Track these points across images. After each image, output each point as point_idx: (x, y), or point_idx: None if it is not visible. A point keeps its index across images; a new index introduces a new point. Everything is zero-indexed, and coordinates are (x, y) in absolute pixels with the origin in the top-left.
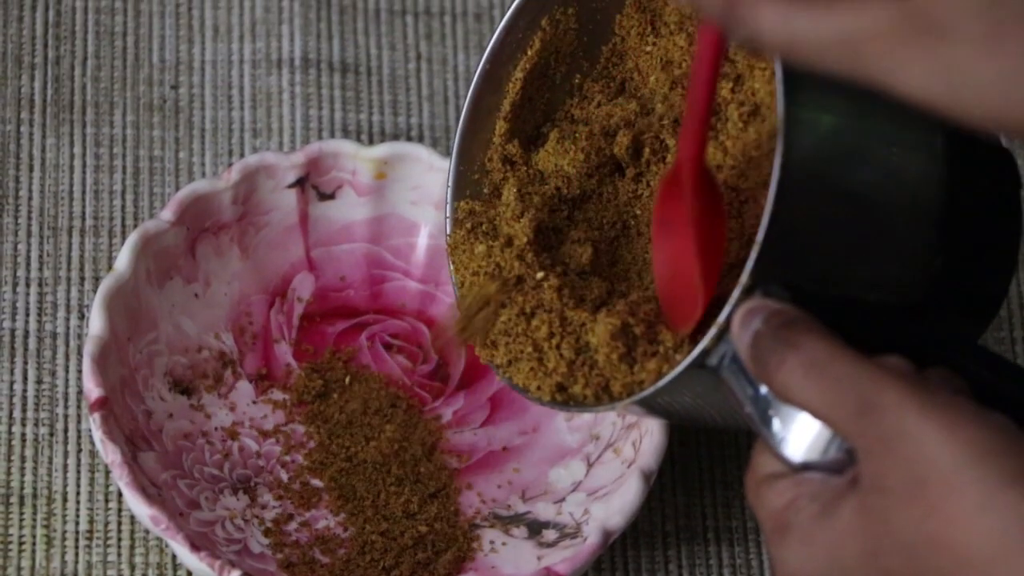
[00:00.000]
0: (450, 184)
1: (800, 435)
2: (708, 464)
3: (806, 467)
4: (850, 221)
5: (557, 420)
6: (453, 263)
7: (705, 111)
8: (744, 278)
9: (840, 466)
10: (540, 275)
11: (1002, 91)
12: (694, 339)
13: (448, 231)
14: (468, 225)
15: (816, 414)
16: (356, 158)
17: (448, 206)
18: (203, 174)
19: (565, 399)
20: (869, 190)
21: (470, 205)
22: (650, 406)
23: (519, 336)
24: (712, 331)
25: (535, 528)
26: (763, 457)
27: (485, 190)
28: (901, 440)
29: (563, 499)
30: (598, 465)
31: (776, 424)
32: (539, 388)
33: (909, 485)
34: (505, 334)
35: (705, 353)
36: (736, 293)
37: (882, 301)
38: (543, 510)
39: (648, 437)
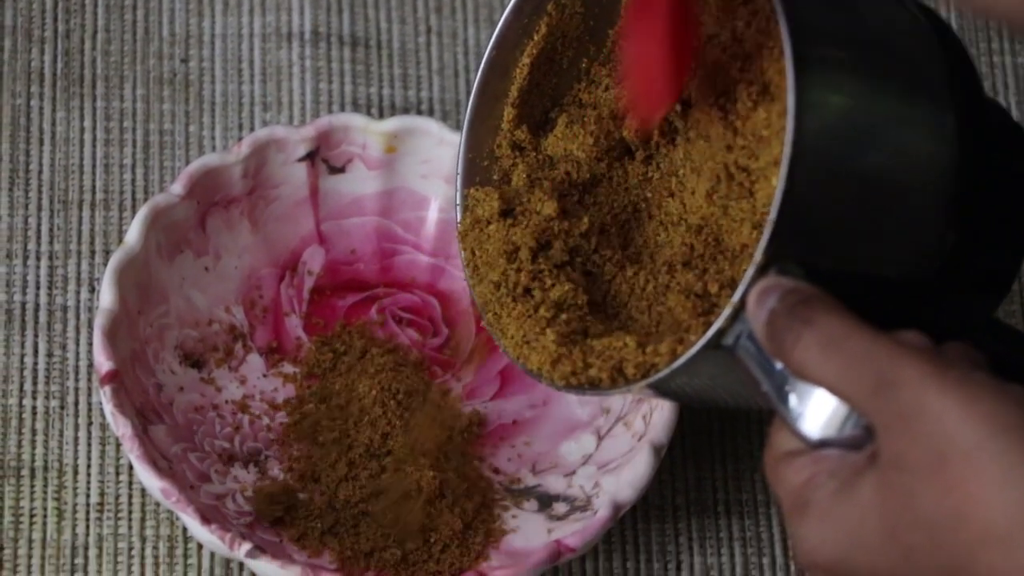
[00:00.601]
0: (459, 172)
1: (817, 412)
2: (719, 437)
3: (824, 444)
4: (862, 198)
5: (567, 394)
6: (463, 250)
7: None
8: (758, 256)
9: (858, 442)
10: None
11: None
12: (707, 316)
13: (458, 219)
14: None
15: (834, 391)
16: (366, 132)
17: (458, 194)
18: (213, 148)
19: (580, 382)
20: (880, 168)
21: (480, 192)
22: (665, 388)
23: (526, 319)
24: (727, 310)
25: (545, 501)
26: (781, 435)
27: (495, 176)
28: (920, 416)
29: (573, 472)
30: (608, 438)
31: (793, 401)
32: (551, 371)
33: (929, 461)
34: (517, 318)
35: (720, 333)
36: (750, 272)
37: (896, 277)
38: (554, 483)
39: (659, 411)
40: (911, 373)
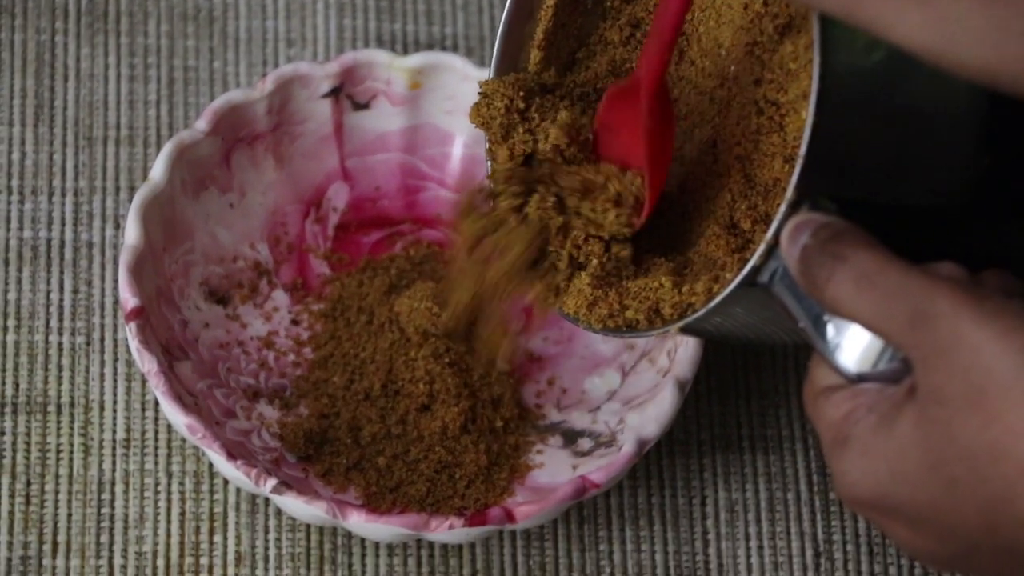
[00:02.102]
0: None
1: (854, 346)
2: (743, 373)
3: (862, 378)
4: (893, 129)
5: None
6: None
7: (671, 36)
8: (790, 192)
9: (897, 375)
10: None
11: (994, 42)
12: (742, 253)
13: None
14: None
15: (868, 326)
16: (390, 68)
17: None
18: (237, 84)
19: (617, 324)
20: (910, 96)
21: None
22: (701, 327)
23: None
24: (761, 248)
25: (570, 437)
26: (820, 370)
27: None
28: (957, 349)
29: (598, 408)
30: (633, 374)
31: (830, 335)
32: (588, 314)
33: (967, 394)
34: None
35: (755, 270)
36: (783, 208)
37: (932, 205)
38: (578, 419)
39: (683, 346)
40: (946, 305)
